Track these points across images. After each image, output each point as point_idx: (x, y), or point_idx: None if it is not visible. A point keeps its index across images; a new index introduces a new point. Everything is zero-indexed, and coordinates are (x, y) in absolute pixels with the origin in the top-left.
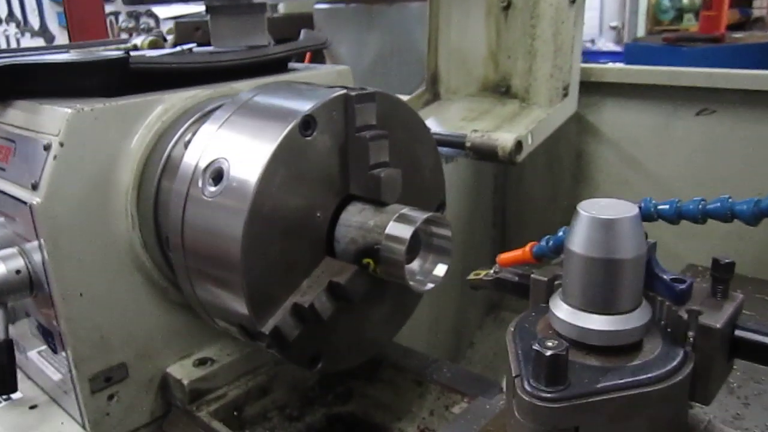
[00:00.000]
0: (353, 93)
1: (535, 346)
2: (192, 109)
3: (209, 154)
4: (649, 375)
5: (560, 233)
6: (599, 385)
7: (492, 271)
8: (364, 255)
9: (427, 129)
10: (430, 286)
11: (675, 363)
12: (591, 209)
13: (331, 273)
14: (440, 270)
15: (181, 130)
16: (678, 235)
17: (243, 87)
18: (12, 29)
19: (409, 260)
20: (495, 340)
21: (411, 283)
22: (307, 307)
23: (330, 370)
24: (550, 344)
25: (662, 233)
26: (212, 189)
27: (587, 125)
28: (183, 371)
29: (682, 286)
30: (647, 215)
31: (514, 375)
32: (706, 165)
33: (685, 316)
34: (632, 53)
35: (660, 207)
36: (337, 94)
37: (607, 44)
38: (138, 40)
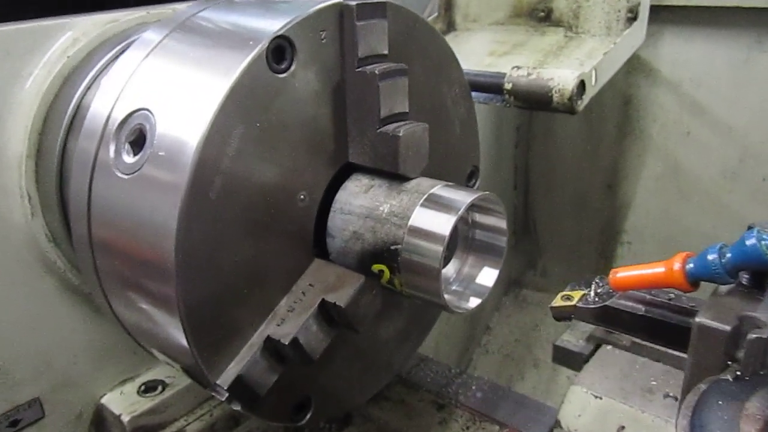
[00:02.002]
0: (353, 2)
1: None
2: (113, 39)
3: (126, 102)
4: None
5: (749, 241)
6: None
7: (592, 294)
8: (375, 259)
9: (457, 62)
10: (475, 302)
11: None
12: None
13: (323, 286)
14: (487, 277)
15: (96, 68)
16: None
17: None
18: None
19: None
20: (515, 324)
21: (447, 297)
22: (287, 343)
23: (324, 418)
24: None
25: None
26: (130, 159)
27: (638, 63)
28: (123, 402)
29: None
30: None
31: None
32: None
33: None
34: None
35: None
36: (327, 4)
37: None
38: None
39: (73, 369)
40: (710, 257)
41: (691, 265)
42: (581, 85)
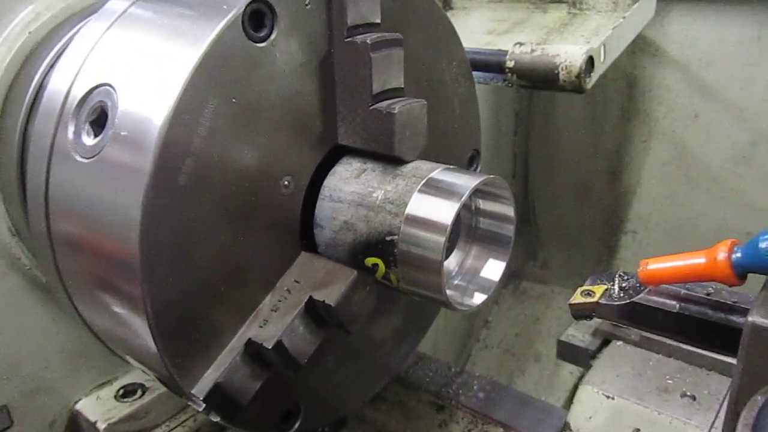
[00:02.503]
0: None
1: None
2: (80, 13)
3: (86, 78)
4: None
5: None
6: None
7: (616, 289)
8: (368, 251)
9: (457, 36)
10: (480, 298)
11: None
12: None
13: (310, 283)
14: (493, 270)
15: (60, 45)
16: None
17: None
18: None
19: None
20: (515, 317)
21: (449, 293)
22: (271, 347)
23: (315, 426)
24: None
25: None
26: (90, 141)
27: (644, 43)
28: (99, 408)
29: None
30: None
31: None
32: None
33: None
34: None
35: None
36: None
37: None
38: None
39: (44, 373)
40: (763, 245)
41: (739, 255)
42: (590, 62)
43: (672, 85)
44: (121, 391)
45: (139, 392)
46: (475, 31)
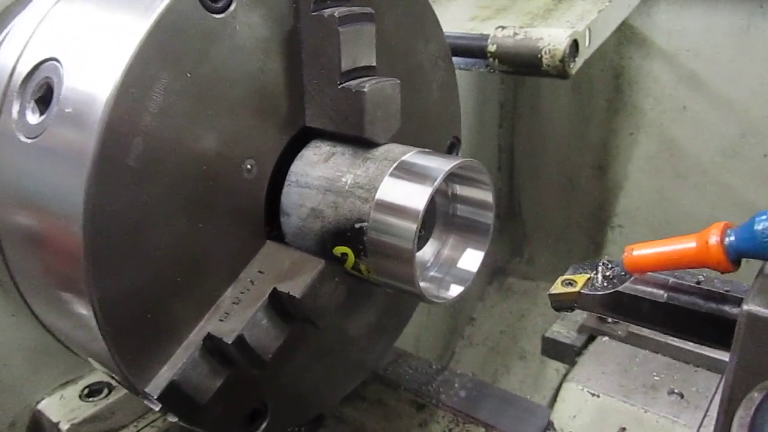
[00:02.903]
0: None
1: None
2: None
3: (33, 52)
4: None
5: None
6: None
7: (599, 278)
8: (337, 240)
9: (435, 17)
10: (456, 291)
11: None
12: None
13: (275, 274)
14: (471, 261)
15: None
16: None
17: None
18: None
19: (418, 246)
20: (500, 314)
21: (422, 285)
22: (231, 342)
23: (284, 427)
24: None
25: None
26: (34, 120)
27: (631, 33)
28: (63, 408)
29: None
30: None
31: None
32: None
33: None
34: None
35: None
36: None
37: None
38: None
39: (4, 371)
40: (759, 227)
41: (732, 238)
42: (574, 46)
43: (659, 77)
44: (86, 391)
45: (105, 391)
46: (457, 17)
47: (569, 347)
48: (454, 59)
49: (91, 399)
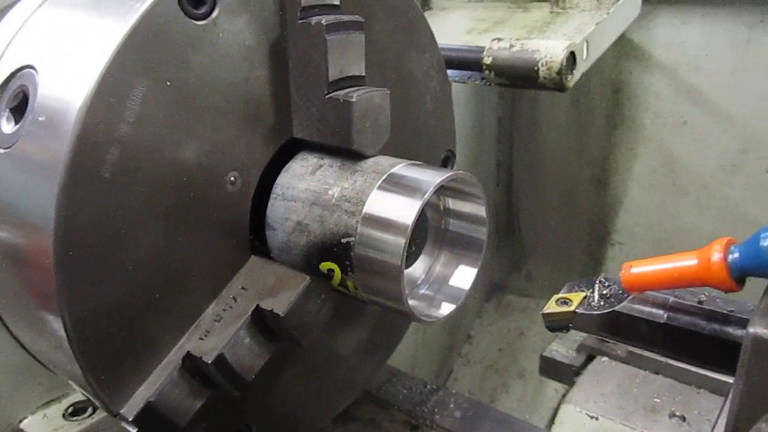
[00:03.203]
0: None
1: None
2: None
3: (10, 60)
4: None
5: None
6: None
7: (596, 296)
8: (323, 255)
9: (429, 27)
10: (448, 309)
11: None
12: None
13: (258, 290)
14: (464, 278)
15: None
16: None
17: None
18: None
19: (408, 262)
20: (498, 332)
21: (411, 304)
22: (210, 362)
23: None
24: None
25: None
26: (9, 129)
27: (630, 47)
28: (46, 427)
29: None
30: None
31: None
32: None
33: None
34: None
35: None
36: None
37: None
38: None
39: None
40: (765, 243)
41: (736, 255)
42: (571, 58)
43: (659, 91)
44: (70, 409)
45: (90, 410)
46: (455, 30)
47: (568, 367)
48: (450, 72)
49: (75, 418)
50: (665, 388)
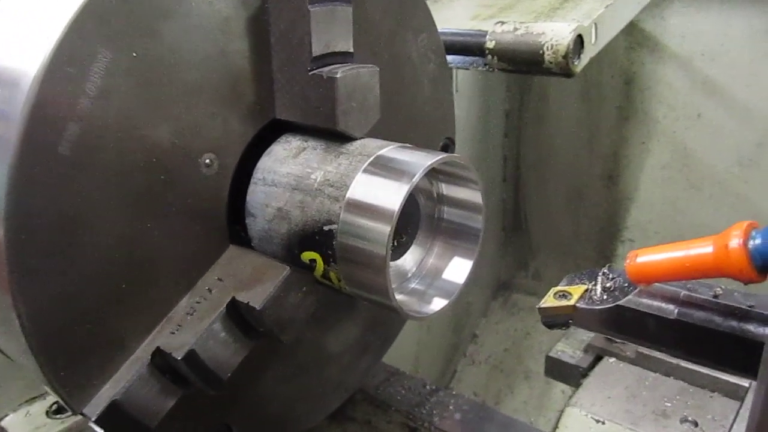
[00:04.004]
0: None
1: None
2: None
3: None
4: None
5: None
6: None
7: (598, 289)
8: (304, 245)
9: (425, 4)
10: (439, 305)
11: None
12: None
13: (235, 281)
14: (458, 271)
15: None
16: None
17: None
18: None
19: (396, 254)
20: (504, 331)
21: (399, 298)
22: (180, 358)
23: None
24: None
25: None
26: None
27: (642, 37)
28: (28, 425)
29: None
30: None
31: None
32: None
33: None
34: None
35: None
36: None
37: None
38: None
39: None
40: None
41: (758, 241)
42: (578, 41)
43: (673, 83)
44: (54, 407)
45: None
46: (459, 17)
47: (574, 368)
48: (451, 58)
49: (58, 416)
50: (676, 391)
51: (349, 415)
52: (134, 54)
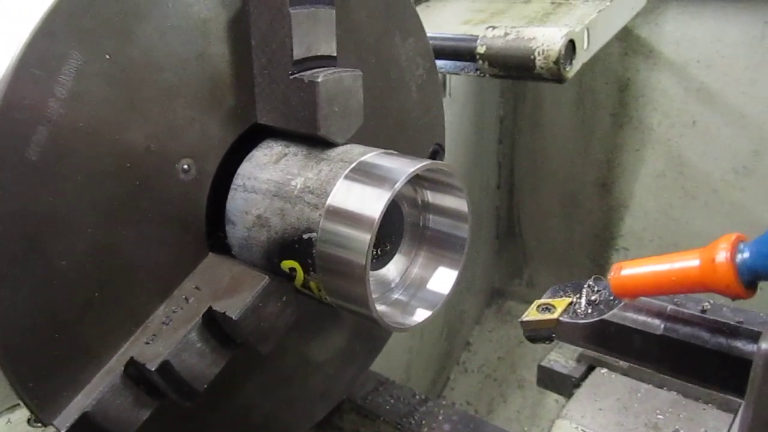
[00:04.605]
0: None
1: None
2: None
3: None
4: None
5: None
6: None
7: (582, 302)
8: (284, 253)
9: (414, 9)
10: (422, 316)
11: None
12: None
13: (212, 290)
14: (443, 281)
15: None
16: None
17: None
18: None
19: (379, 263)
20: (498, 340)
21: (381, 309)
22: (154, 369)
23: None
24: None
25: None
26: None
27: (636, 43)
28: None
29: None
30: None
31: None
32: None
33: None
34: None
35: None
36: None
37: None
38: None
39: None
40: None
41: (746, 255)
42: (570, 47)
43: (668, 90)
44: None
45: None
46: (451, 22)
47: (567, 378)
48: (442, 63)
49: (39, 424)
50: (669, 403)
51: (337, 424)
52: (107, 56)
